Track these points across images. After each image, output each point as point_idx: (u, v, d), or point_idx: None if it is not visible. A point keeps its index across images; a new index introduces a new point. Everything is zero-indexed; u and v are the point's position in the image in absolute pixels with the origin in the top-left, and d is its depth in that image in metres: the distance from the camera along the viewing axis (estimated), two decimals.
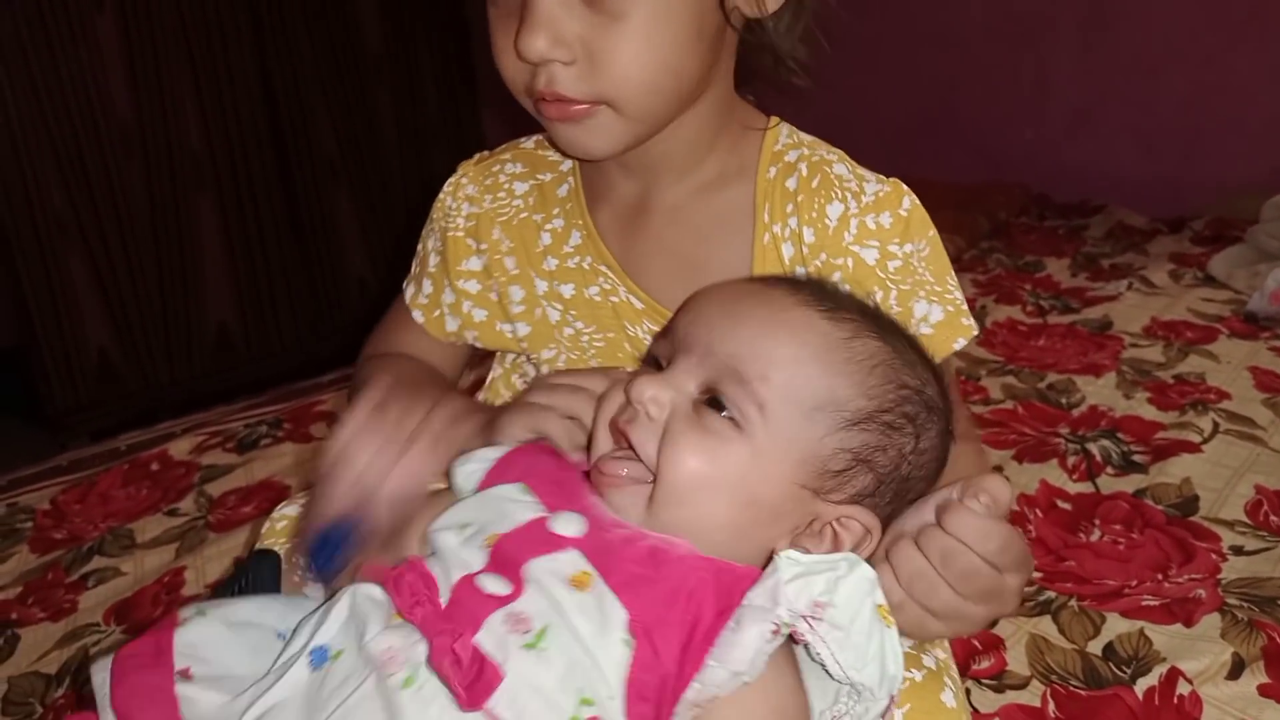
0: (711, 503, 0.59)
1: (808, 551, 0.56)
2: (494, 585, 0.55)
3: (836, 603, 0.52)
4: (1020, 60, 2.36)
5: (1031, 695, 0.84)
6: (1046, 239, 2.07)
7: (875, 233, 0.75)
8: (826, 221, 0.75)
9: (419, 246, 0.89)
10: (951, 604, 0.60)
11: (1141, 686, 0.83)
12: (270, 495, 1.27)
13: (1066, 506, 1.09)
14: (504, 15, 0.70)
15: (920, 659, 0.68)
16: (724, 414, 0.59)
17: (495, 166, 0.86)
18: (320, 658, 0.55)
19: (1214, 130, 2.13)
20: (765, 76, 0.79)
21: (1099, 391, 1.35)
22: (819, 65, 0.78)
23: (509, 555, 0.56)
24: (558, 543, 0.57)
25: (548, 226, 0.83)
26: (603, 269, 0.80)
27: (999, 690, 0.84)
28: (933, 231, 0.77)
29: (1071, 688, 0.84)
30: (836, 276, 0.75)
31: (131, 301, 2.73)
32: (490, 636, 0.52)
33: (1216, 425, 1.23)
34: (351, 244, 3.08)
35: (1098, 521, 1.06)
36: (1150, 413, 1.28)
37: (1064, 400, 1.34)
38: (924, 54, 2.48)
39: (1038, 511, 1.08)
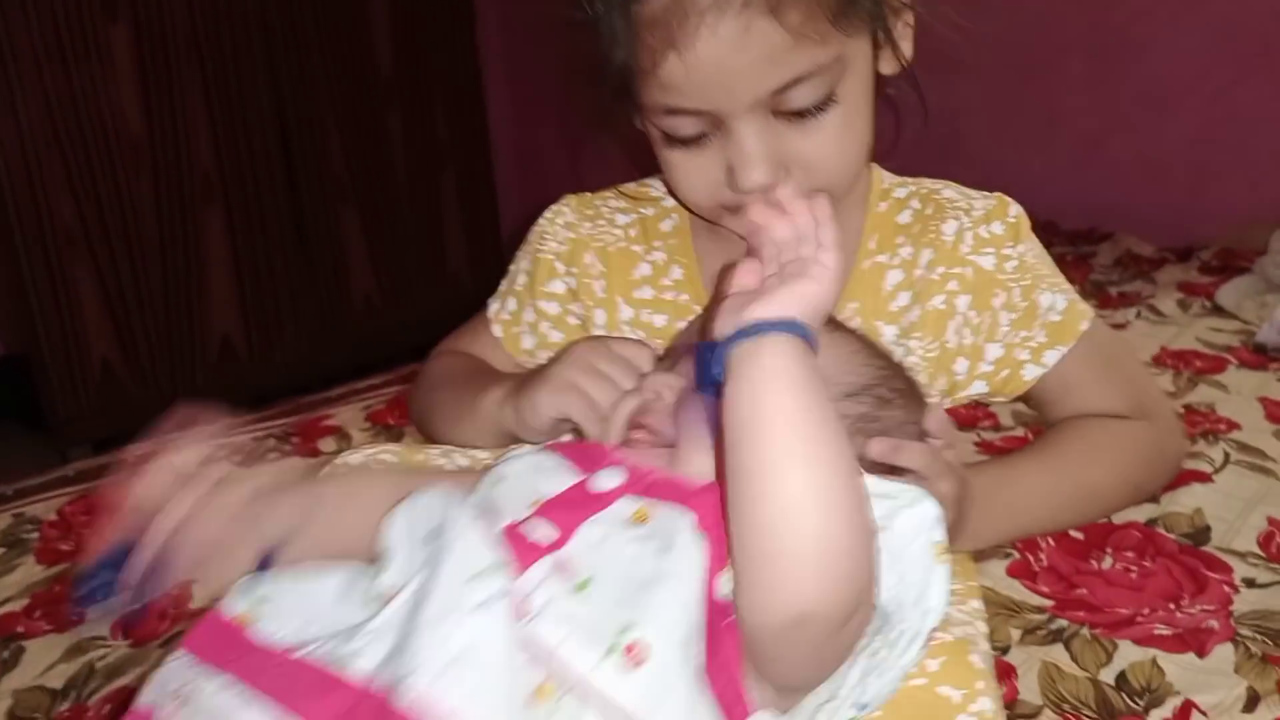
0: None
1: None
2: (540, 533, 0.57)
3: (893, 529, 0.57)
4: (1029, 90, 2.38)
5: None
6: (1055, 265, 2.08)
7: (990, 240, 0.80)
8: (944, 239, 0.81)
9: (511, 266, 0.91)
10: None
11: (1155, 718, 0.82)
12: None
13: (1079, 535, 1.08)
14: (685, 148, 0.73)
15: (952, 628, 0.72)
16: None
17: (598, 201, 0.89)
18: None
19: (1222, 161, 2.15)
20: None
21: None
22: None
23: (559, 516, 0.58)
24: (606, 499, 0.60)
25: (648, 258, 0.85)
26: (696, 308, 0.83)
27: None
28: (1034, 237, 0.85)
29: (1084, 717, 0.83)
30: (954, 285, 0.82)
31: (136, 313, 2.74)
32: (535, 581, 0.54)
33: (1228, 456, 1.23)
34: (358, 262, 3.09)
35: (1109, 550, 1.05)
36: None
37: None
38: (932, 82, 2.50)
39: (1049, 540, 1.07)
